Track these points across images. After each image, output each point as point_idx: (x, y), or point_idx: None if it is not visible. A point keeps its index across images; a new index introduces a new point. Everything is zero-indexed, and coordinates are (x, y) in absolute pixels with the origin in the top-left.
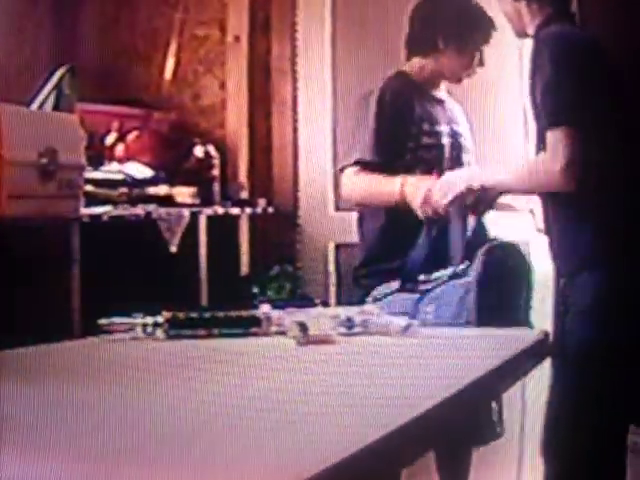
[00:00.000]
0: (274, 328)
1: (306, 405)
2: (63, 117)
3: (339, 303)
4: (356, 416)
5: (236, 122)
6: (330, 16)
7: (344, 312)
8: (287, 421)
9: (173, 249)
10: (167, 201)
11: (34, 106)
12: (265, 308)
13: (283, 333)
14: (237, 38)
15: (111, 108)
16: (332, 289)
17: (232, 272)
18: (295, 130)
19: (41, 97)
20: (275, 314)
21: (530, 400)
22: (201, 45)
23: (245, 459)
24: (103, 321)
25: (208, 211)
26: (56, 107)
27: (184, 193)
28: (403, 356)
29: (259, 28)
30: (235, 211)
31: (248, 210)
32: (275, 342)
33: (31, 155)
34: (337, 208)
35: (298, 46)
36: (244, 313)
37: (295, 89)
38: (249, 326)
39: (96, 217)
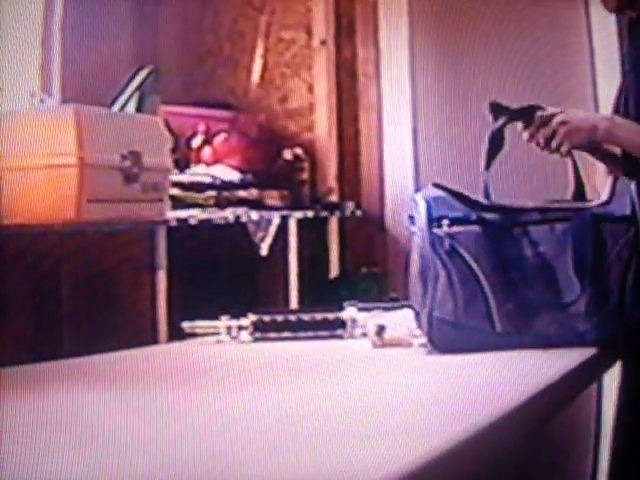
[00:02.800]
0: (359, 330)
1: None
2: (146, 119)
3: None
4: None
5: (324, 125)
6: (407, 19)
7: None
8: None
9: (263, 252)
10: (256, 204)
11: (116, 107)
12: (351, 310)
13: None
14: (323, 42)
15: (197, 110)
16: None
17: (322, 275)
18: (381, 133)
19: (123, 98)
20: (360, 316)
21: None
22: (287, 48)
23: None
24: (186, 324)
25: (298, 214)
26: (139, 109)
27: (273, 196)
28: (471, 363)
29: (344, 32)
30: (324, 214)
31: (337, 213)
32: (353, 345)
33: (114, 158)
34: None
35: (381, 50)
36: (330, 316)
37: (380, 92)
38: (334, 329)
39: (183, 221)
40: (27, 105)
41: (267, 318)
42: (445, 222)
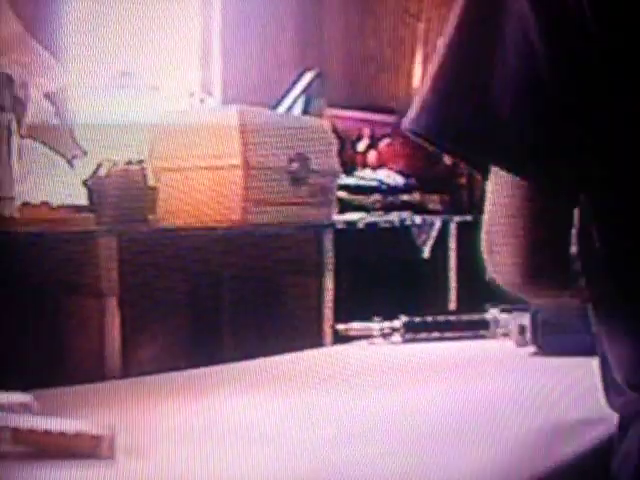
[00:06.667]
0: (500, 331)
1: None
2: (314, 122)
3: None
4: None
5: None
6: None
7: None
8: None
9: (425, 255)
10: (419, 208)
11: (281, 110)
12: (494, 312)
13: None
14: None
15: (362, 114)
16: None
17: (479, 277)
18: None
19: (289, 101)
20: (503, 317)
21: None
22: None
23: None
24: (340, 327)
25: (457, 218)
26: (305, 111)
27: (435, 200)
28: None
29: None
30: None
31: None
32: (497, 345)
33: (281, 161)
34: None
35: None
36: (474, 316)
37: None
38: (478, 329)
39: (351, 224)
40: (186, 105)
41: (417, 319)
42: None
